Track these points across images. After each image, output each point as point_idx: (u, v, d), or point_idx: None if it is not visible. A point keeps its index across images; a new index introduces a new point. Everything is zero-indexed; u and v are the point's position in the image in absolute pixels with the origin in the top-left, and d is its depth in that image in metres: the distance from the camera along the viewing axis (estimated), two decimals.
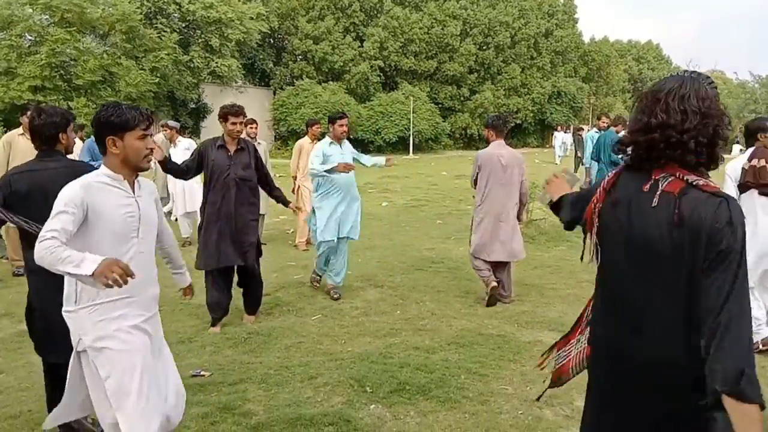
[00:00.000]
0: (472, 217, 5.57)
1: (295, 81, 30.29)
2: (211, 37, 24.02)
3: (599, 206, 1.68)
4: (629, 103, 50.45)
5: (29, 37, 19.66)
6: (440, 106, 34.21)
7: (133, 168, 2.34)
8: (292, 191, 8.11)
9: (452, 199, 12.99)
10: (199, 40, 24.33)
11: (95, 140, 2.33)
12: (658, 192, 1.52)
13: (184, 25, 24.65)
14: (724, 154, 1.59)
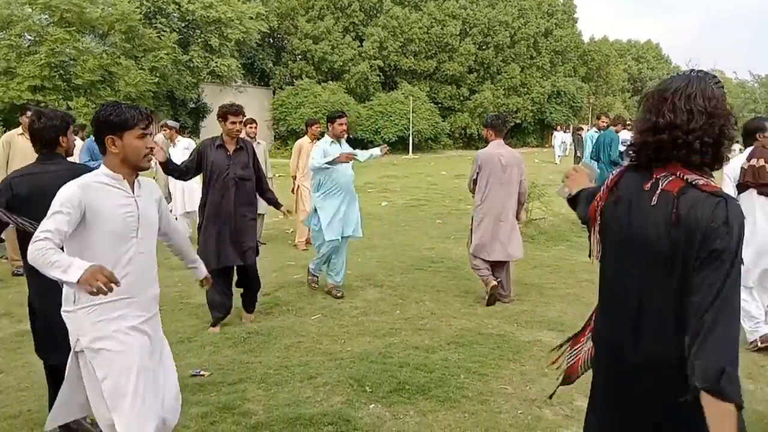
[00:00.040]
0: (471, 216, 5.57)
1: (294, 81, 30.31)
2: (211, 37, 24.02)
3: (602, 204, 1.69)
4: (629, 103, 50.50)
5: (28, 37, 19.66)
6: (440, 105, 34.22)
7: (133, 167, 2.33)
8: (292, 191, 8.10)
9: (452, 198, 12.99)
10: (199, 40, 24.34)
11: (95, 140, 2.33)
12: (658, 191, 1.52)
13: (183, 25, 24.66)
14: (727, 153, 1.59)
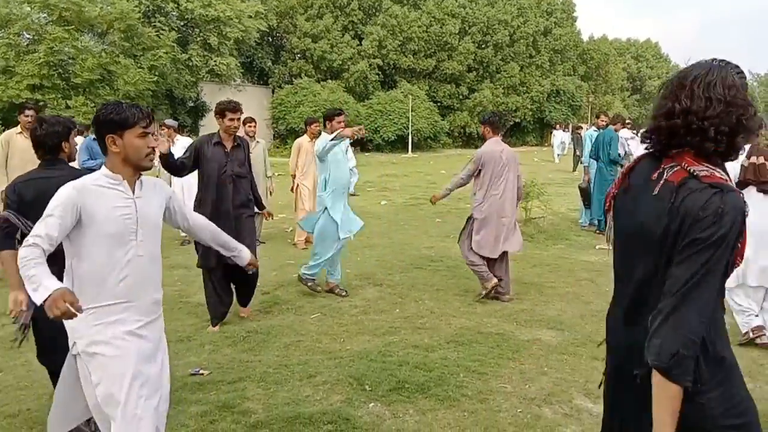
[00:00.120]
0: (470, 216, 5.55)
1: (293, 79, 30.30)
2: (210, 36, 24.01)
3: (615, 191, 1.72)
4: (628, 102, 50.53)
5: (27, 36, 19.65)
6: (439, 104, 34.23)
7: (135, 167, 2.29)
8: (291, 190, 8.10)
9: (451, 197, 12.98)
10: (198, 39, 24.32)
11: (96, 139, 2.32)
12: (661, 181, 1.52)
13: (182, 24, 24.65)
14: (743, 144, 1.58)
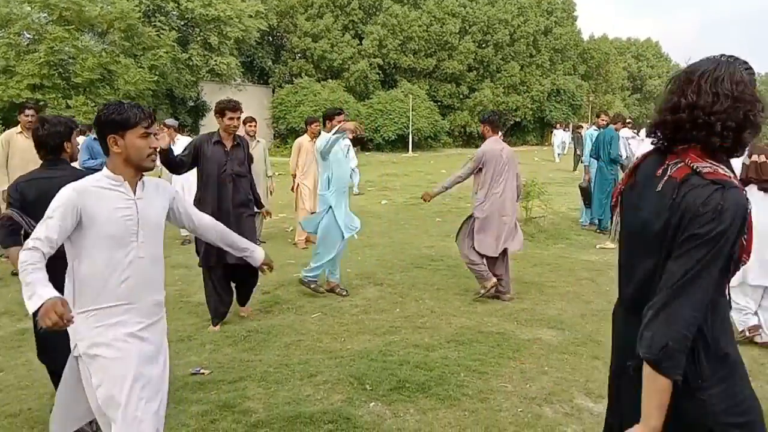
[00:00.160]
0: (470, 215, 5.53)
1: (294, 79, 30.31)
2: (210, 35, 24.01)
3: (622, 187, 1.72)
4: (628, 101, 50.49)
5: (28, 36, 19.65)
6: (439, 104, 34.22)
7: (136, 167, 2.27)
8: (292, 189, 8.10)
9: (452, 197, 12.97)
10: (198, 38, 24.32)
11: (98, 140, 2.32)
12: (665, 178, 1.52)
13: (182, 23, 24.65)
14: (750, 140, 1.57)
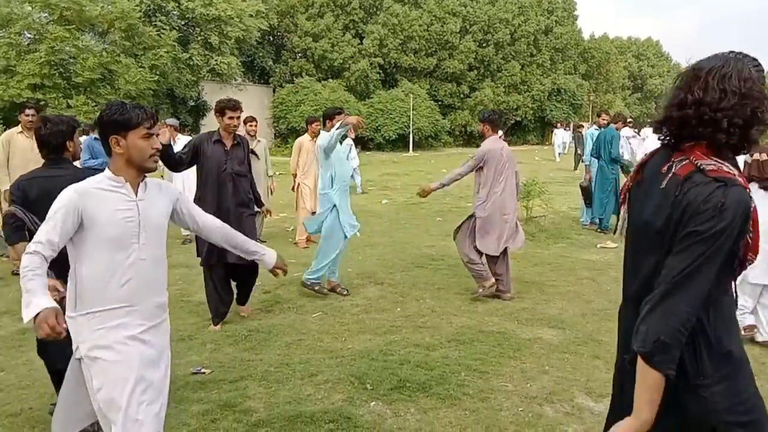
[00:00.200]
0: (471, 214, 5.51)
1: (294, 78, 30.30)
2: (211, 35, 24.00)
3: (630, 184, 1.71)
4: (629, 100, 50.44)
5: (28, 35, 19.65)
6: (440, 103, 34.19)
7: (138, 168, 2.25)
8: (292, 189, 8.10)
9: (452, 196, 12.97)
10: (199, 38, 24.31)
11: (100, 141, 2.31)
12: (669, 175, 1.52)
13: (183, 23, 24.64)
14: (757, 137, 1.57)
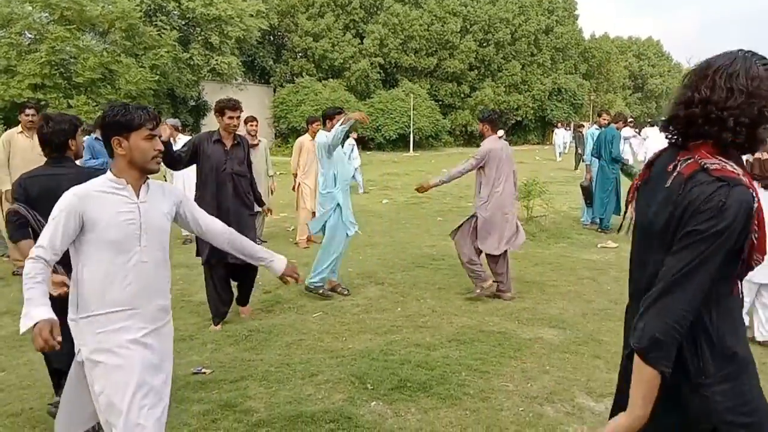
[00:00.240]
0: (473, 214, 5.49)
1: (295, 78, 30.30)
2: (211, 35, 24.00)
3: (638, 183, 1.71)
4: (630, 100, 50.42)
5: (29, 35, 19.65)
6: (440, 103, 34.19)
7: (140, 170, 2.23)
8: (293, 189, 8.10)
9: (452, 196, 12.97)
10: (199, 38, 24.31)
11: (101, 141, 2.31)
12: (674, 174, 1.52)
13: (183, 23, 24.65)
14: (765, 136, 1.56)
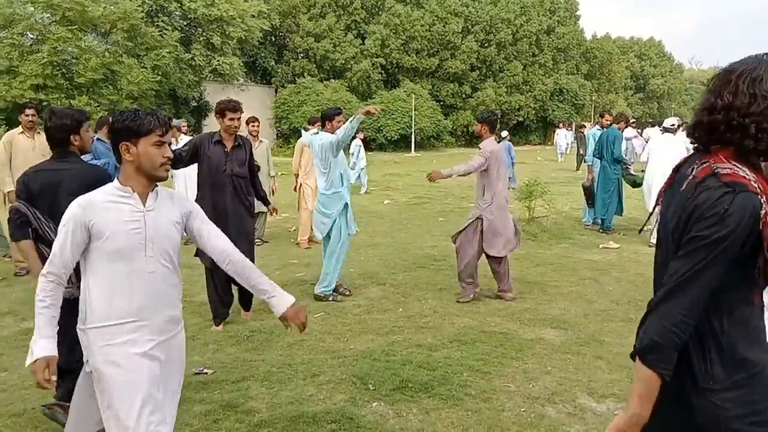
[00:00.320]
0: (478, 216, 5.36)
1: (296, 79, 30.30)
2: (213, 35, 24.03)
3: (665, 188, 1.71)
4: (631, 100, 50.36)
5: (31, 36, 19.69)
6: (442, 103, 34.17)
7: (148, 177, 2.16)
8: (294, 189, 8.11)
9: (454, 196, 12.99)
10: (201, 38, 24.34)
11: (104, 143, 2.32)
12: (690, 178, 1.52)
13: (185, 23, 24.68)
14: None
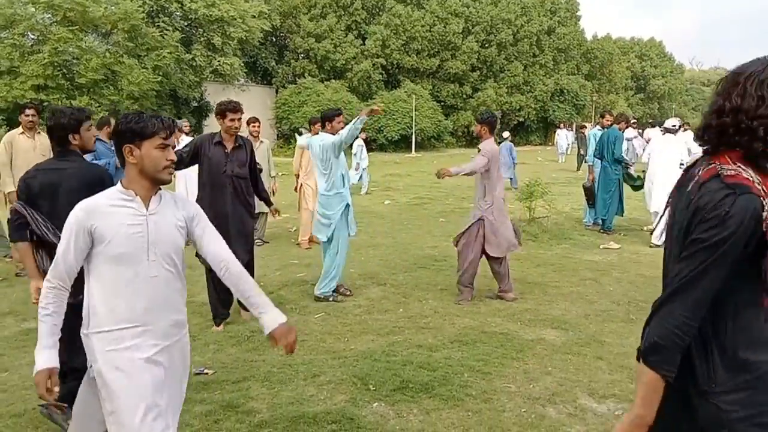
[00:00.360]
0: (480, 217, 5.30)
1: (297, 79, 30.34)
2: (214, 36, 24.06)
3: (676, 188, 1.70)
4: (632, 101, 50.36)
5: (32, 36, 19.73)
6: (442, 104, 34.20)
7: (152, 180, 2.13)
8: (295, 189, 8.11)
9: (455, 197, 12.98)
10: (202, 39, 24.37)
11: (104, 143, 2.31)
12: (695, 179, 1.52)
13: (186, 24, 24.72)
14: None
